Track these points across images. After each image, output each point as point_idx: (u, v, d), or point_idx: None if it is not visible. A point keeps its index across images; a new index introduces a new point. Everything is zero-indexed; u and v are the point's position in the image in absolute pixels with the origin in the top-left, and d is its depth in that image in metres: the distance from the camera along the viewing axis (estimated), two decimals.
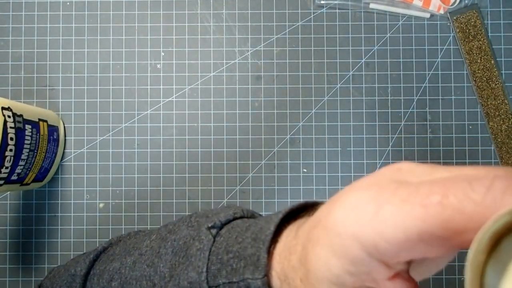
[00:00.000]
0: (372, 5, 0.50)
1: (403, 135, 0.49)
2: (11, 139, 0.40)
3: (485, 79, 0.49)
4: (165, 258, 0.28)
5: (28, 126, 0.42)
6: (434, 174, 0.19)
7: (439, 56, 0.49)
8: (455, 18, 0.49)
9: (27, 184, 0.45)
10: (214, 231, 0.26)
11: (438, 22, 0.50)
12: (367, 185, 0.19)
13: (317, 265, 0.20)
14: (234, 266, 0.24)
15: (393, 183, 0.19)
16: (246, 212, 0.29)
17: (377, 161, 0.49)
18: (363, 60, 0.50)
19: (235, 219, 0.28)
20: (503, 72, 0.49)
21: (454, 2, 0.49)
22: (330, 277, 0.19)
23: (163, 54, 0.50)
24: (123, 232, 0.48)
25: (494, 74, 0.49)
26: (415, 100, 0.49)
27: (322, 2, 0.50)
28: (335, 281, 0.19)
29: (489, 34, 0.49)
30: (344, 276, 0.19)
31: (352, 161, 0.49)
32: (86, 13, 0.50)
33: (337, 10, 0.50)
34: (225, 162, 0.49)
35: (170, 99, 0.49)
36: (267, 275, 0.23)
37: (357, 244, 0.18)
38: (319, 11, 0.50)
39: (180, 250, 0.27)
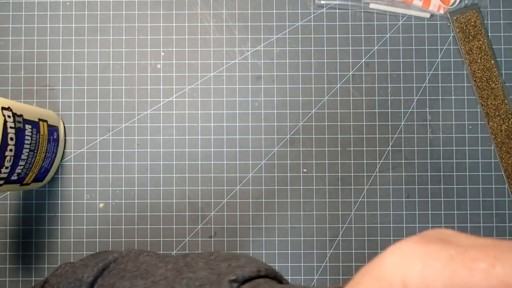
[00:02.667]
0: (372, 5, 0.50)
1: (403, 135, 0.49)
2: (11, 139, 0.40)
3: (485, 79, 0.49)
4: None
5: (28, 126, 0.42)
6: (478, 241, 0.19)
7: (439, 56, 0.49)
8: (455, 18, 0.49)
9: (27, 184, 0.45)
10: (235, 285, 0.26)
11: (438, 22, 0.50)
12: (417, 238, 0.20)
13: None
14: None
15: (441, 240, 0.19)
16: (270, 271, 0.29)
17: (377, 161, 0.49)
18: (363, 60, 0.50)
19: (258, 277, 0.27)
20: (503, 72, 0.49)
21: (454, 2, 0.49)
22: None
23: (163, 54, 0.50)
24: (123, 232, 0.48)
25: (494, 74, 0.49)
26: (415, 100, 0.49)
27: (322, 2, 0.50)
28: None
29: (489, 34, 0.49)
30: None
31: (352, 161, 0.49)
32: (86, 13, 0.50)
33: (337, 10, 0.50)
34: (225, 162, 0.49)
35: (170, 99, 0.49)
36: None
37: None
38: (319, 11, 0.50)
39: None
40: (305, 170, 0.49)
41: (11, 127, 0.39)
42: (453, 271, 0.18)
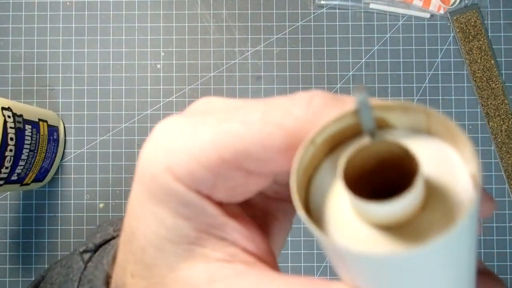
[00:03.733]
0: (372, 5, 0.50)
1: None
2: (11, 139, 0.40)
3: (485, 79, 0.49)
4: None
5: (28, 126, 0.42)
6: (246, 102, 0.17)
7: (439, 56, 0.49)
8: (455, 18, 0.49)
9: (27, 184, 0.45)
10: (86, 256, 0.22)
11: (438, 22, 0.50)
12: (177, 116, 0.18)
13: (144, 228, 0.16)
14: None
15: (208, 111, 0.17)
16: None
17: None
18: (363, 60, 0.50)
19: (114, 237, 0.23)
20: (503, 72, 0.49)
21: (454, 2, 0.49)
22: (166, 234, 0.16)
23: (163, 54, 0.50)
24: None
25: (494, 74, 0.49)
26: (415, 100, 0.49)
27: (322, 2, 0.50)
28: (174, 237, 0.16)
29: (489, 34, 0.49)
30: (180, 224, 0.16)
31: None
32: (86, 13, 0.50)
33: (337, 10, 0.50)
34: None
35: (170, 99, 0.49)
36: None
37: (173, 176, 0.16)
38: (319, 11, 0.50)
39: None
40: None
41: (11, 127, 0.39)
42: (224, 132, 0.16)
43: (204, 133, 0.16)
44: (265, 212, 0.21)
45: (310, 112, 0.16)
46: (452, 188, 0.14)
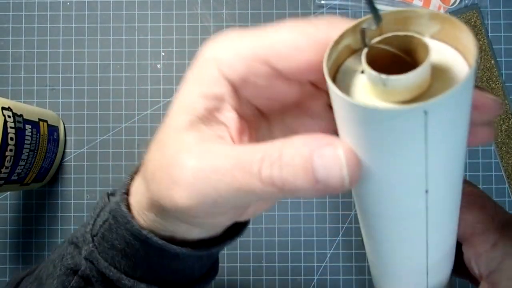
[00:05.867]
0: None
1: None
2: (11, 139, 0.40)
3: (485, 79, 0.49)
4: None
5: (28, 126, 0.42)
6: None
7: None
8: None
9: (27, 184, 0.45)
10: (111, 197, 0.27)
11: None
12: (227, 31, 0.21)
13: (178, 99, 0.21)
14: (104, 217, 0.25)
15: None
16: None
17: None
18: None
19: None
20: (503, 72, 0.49)
21: (454, 2, 0.49)
22: (187, 104, 0.20)
23: (163, 54, 0.50)
24: None
25: (494, 74, 0.49)
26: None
27: (322, 2, 0.50)
28: (189, 109, 0.20)
29: (489, 34, 0.49)
30: (200, 100, 0.20)
31: None
32: (86, 13, 0.50)
33: (337, 10, 0.50)
34: None
35: (170, 99, 0.49)
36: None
37: (214, 64, 0.20)
38: (319, 11, 0.50)
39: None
40: None
41: (11, 127, 0.40)
42: (261, 36, 0.20)
43: (246, 37, 0.20)
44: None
45: (330, 23, 0.19)
46: (454, 73, 0.17)
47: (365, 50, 0.17)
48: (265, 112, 0.22)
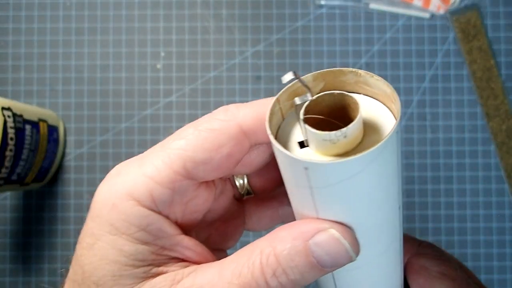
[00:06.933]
0: (372, 5, 0.50)
1: (403, 135, 0.49)
2: (11, 139, 0.40)
3: (485, 79, 0.49)
4: None
5: (28, 126, 0.42)
6: None
7: (439, 56, 0.49)
8: (455, 18, 0.49)
9: (27, 184, 0.45)
10: None
11: (438, 22, 0.50)
12: (125, 161, 0.20)
13: (100, 262, 0.17)
14: None
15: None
16: None
17: None
18: (363, 60, 0.50)
19: None
20: (503, 72, 0.49)
21: (454, 2, 0.49)
22: (126, 260, 0.17)
23: (163, 54, 0.50)
24: None
25: (494, 74, 0.49)
26: (415, 100, 0.49)
27: (322, 2, 0.50)
28: (133, 262, 0.17)
29: (489, 34, 0.49)
30: (140, 248, 0.17)
31: None
32: (86, 13, 0.50)
33: (337, 10, 0.50)
34: None
35: (170, 99, 0.49)
36: None
37: (134, 202, 0.17)
38: (319, 11, 0.50)
39: None
40: None
41: (11, 127, 0.40)
42: (170, 149, 0.19)
43: (153, 157, 0.18)
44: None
45: (229, 113, 0.19)
46: (381, 125, 0.18)
47: (302, 107, 0.18)
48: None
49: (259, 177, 0.23)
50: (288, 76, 0.17)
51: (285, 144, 0.18)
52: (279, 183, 0.21)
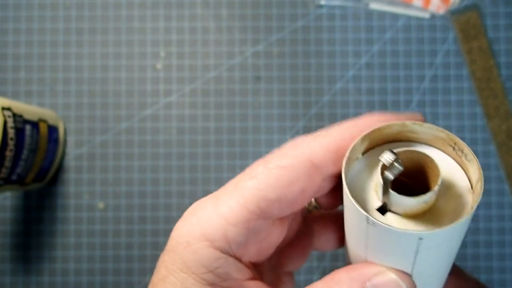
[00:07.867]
0: (372, 5, 0.50)
1: None
2: (11, 139, 0.40)
3: (485, 79, 0.49)
4: None
5: (28, 126, 0.42)
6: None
7: (439, 56, 0.49)
8: (455, 18, 0.49)
9: (27, 184, 0.45)
10: None
11: (438, 22, 0.50)
12: (201, 199, 0.20)
13: None
14: None
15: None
16: None
17: None
18: (362, 60, 0.50)
19: None
20: (503, 72, 0.49)
21: (454, 2, 0.49)
22: None
23: (163, 54, 0.50)
24: (123, 232, 0.48)
25: (494, 74, 0.49)
26: (414, 100, 0.49)
27: (322, 2, 0.50)
28: None
29: (489, 35, 0.49)
30: None
31: None
32: (86, 13, 0.50)
33: (336, 11, 0.50)
34: (224, 162, 0.49)
35: (170, 99, 0.49)
36: None
37: (207, 243, 0.18)
38: (319, 11, 0.50)
39: None
40: None
41: (11, 127, 0.40)
42: (242, 189, 0.19)
43: (227, 197, 0.19)
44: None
45: (298, 149, 0.19)
46: (458, 189, 0.18)
47: (391, 192, 0.18)
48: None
49: (326, 196, 0.23)
50: (388, 158, 0.18)
51: (354, 188, 0.18)
52: None
